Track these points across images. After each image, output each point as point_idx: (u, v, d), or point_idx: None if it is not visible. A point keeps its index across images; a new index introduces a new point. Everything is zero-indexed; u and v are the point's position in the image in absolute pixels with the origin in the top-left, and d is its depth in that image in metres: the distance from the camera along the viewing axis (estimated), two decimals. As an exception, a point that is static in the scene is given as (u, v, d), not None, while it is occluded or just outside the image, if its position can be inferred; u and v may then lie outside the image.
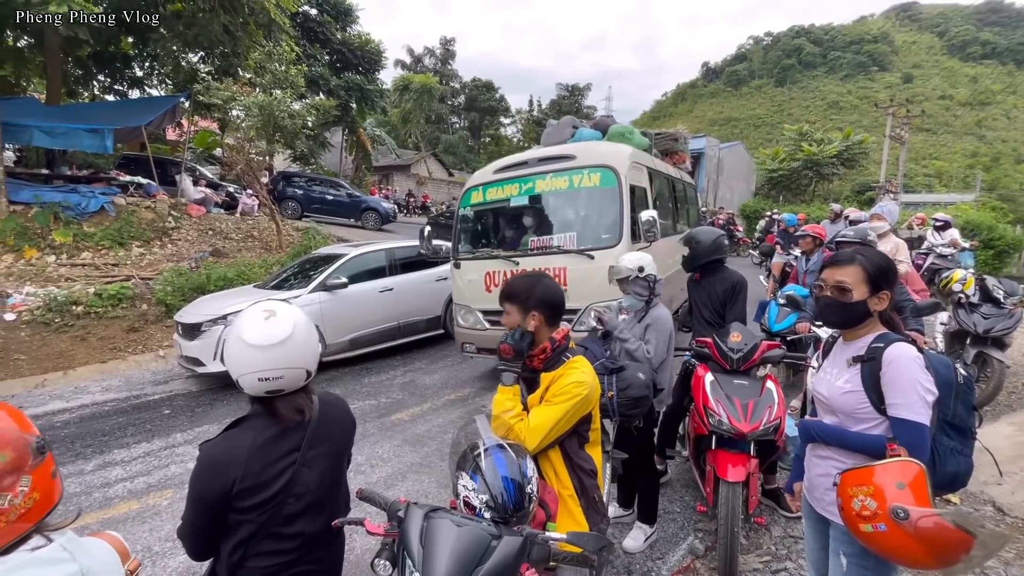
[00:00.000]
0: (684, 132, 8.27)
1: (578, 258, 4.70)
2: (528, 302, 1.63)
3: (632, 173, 4.95)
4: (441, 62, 32.18)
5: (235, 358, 1.24)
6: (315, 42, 18.78)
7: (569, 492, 1.59)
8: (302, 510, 1.31)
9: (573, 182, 4.95)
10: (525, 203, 5.18)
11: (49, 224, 9.00)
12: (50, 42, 11.43)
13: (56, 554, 0.80)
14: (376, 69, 21.66)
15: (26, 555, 0.78)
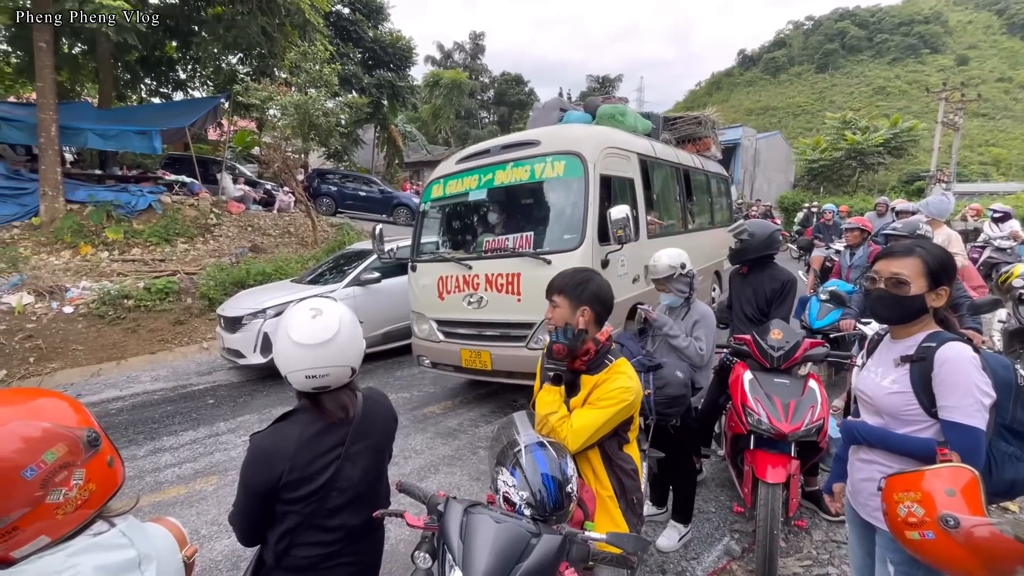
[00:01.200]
0: (710, 115, 7.37)
1: (534, 263, 3.94)
2: (581, 296, 1.60)
3: (608, 161, 4.28)
4: (471, 57, 32.21)
5: (284, 356, 1.28)
6: (348, 41, 19.10)
7: (608, 493, 1.57)
8: (345, 503, 1.35)
9: (535, 172, 4.22)
10: (483, 197, 4.57)
11: (102, 222, 9.49)
12: (102, 48, 12.01)
13: (115, 539, 0.84)
14: (407, 66, 21.87)
15: (88, 540, 0.81)
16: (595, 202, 3.98)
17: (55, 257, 8.71)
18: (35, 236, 8.97)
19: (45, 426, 0.78)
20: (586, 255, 3.86)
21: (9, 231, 9.01)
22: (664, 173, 5.74)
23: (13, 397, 0.82)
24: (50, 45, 9.16)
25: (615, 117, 5.22)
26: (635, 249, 4.45)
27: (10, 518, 0.73)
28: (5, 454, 0.73)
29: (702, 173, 7.06)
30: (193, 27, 13.05)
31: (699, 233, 6.70)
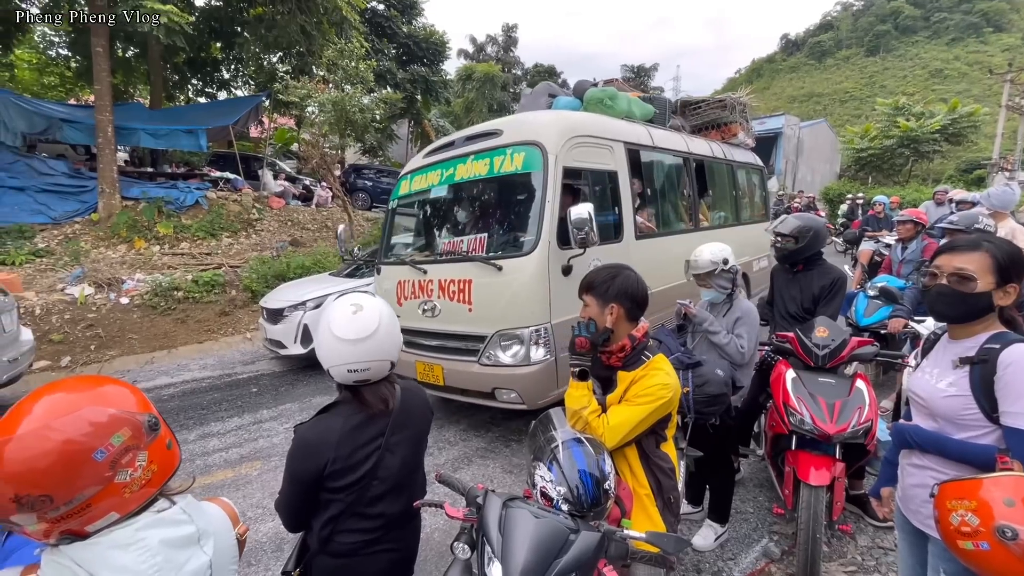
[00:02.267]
0: (739, 98, 6.50)
1: (485, 269, 3.60)
2: (608, 293, 1.59)
3: (578, 152, 3.80)
4: (503, 49, 32.04)
5: (326, 350, 1.32)
6: (382, 37, 19.34)
7: (646, 491, 1.56)
8: (385, 492, 1.39)
9: (494, 166, 3.84)
10: (444, 194, 4.27)
11: (154, 217, 9.99)
12: (152, 51, 12.59)
13: (177, 516, 0.90)
14: (440, 60, 21.98)
15: (153, 516, 0.88)
16: (555, 199, 3.51)
17: (112, 251, 9.23)
18: (94, 231, 9.52)
19: (111, 412, 0.83)
20: (541, 260, 3.44)
21: (72, 226, 9.60)
22: (668, 164, 5.17)
23: (81, 384, 0.87)
24: (106, 50, 9.65)
25: (603, 102, 4.61)
26: (619, 251, 4.01)
27: (84, 496, 0.79)
28: (78, 438, 0.79)
29: (725, 163, 6.31)
30: (236, 28, 13.50)
31: (719, 231, 5.93)
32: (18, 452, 0.74)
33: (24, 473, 0.74)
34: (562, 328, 3.57)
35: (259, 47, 13.29)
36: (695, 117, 6.40)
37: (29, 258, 8.43)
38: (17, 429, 0.76)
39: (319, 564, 1.38)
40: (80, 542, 0.81)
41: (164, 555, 0.85)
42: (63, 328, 7.08)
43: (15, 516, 0.75)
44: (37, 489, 0.75)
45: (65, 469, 0.77)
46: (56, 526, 0.78)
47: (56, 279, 8.05)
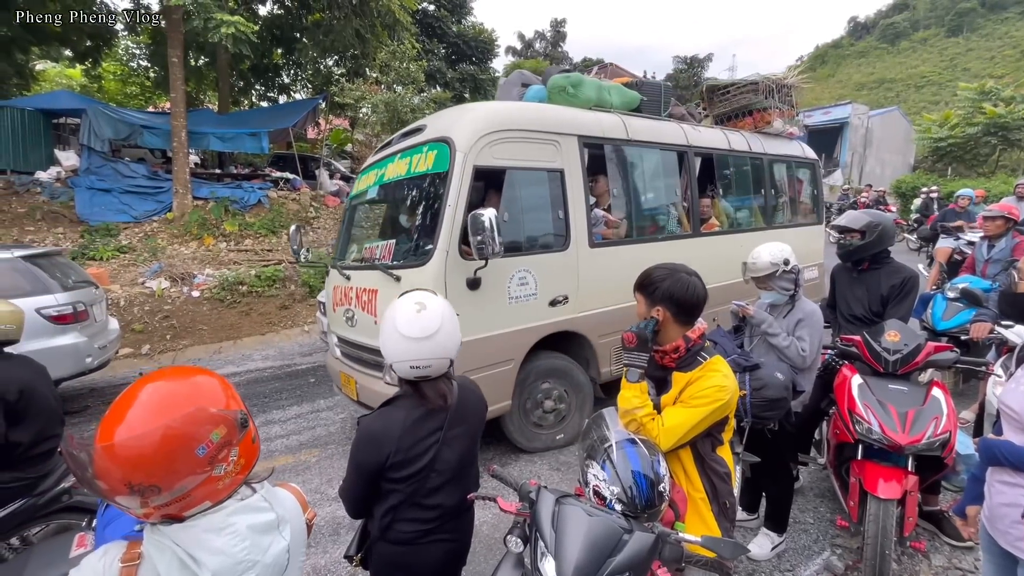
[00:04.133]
0: (778, 78, 5.60)
1: (386, 278, 3.32)
2: (655, 295, 1.56)
3: (499, 149, 3.37)
4: (551, 45, 31.86)
5: (390, 346, 1.38)
6: (432, 37, 19.70)
7: (701, 495, 1.52)
8: (442, 484, 1.43)
9: (412, 165, 3.59)
10: (375, 195, 4.06)
11: (221, 216, 10.64)
12: (221, 60, 13.38)
13: (260, 503, 0.97)
14: (489, 58, 22.17)
15: (239, 503, 0.95)
16: (458, 203, 3.16)
17: (185, 247, 9.91)
18: (169, 229, 10.26)
19: (213, 411, 0.91)
20: (437, 272, 3.09)
21: (150, 224, 10.38)
22: (655, 160, 4.52)
23: (183, 379, 0.94)
24: (180, 60, 10.36)
25: (566, 90, 4.08)
26: (562, 262, 3.65)
27: (185, 487, 0.87)
28: (184, 434, 0.86)
29: (752, 157, 5.42)
30: (295, 34, 14.15)
31: (738, 236, 5.08)
32: (136, 446, 0.82)
33: (139, 465, 0.82)
34: (465, 348, 3.11)
35: (316, 52, 13.87)
36: (723, 104, 5.67)
37: (114, 254, 9.19)
38: (134, 424, 0.83)
39: (379, 551, 1.44)
40: (178, 524, 0.88)
41: (252, 540, 0.92)
42: (143, 319, 7.69)
43: (124, 499, 0.83)
44: (149, 479, 0.82)
45: (173, 463, 0.84)
46: (159, 511, 0.86)
47: (137, 273, 8.75)
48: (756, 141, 5.47)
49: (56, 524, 2.35)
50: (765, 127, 5.56)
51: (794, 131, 5.95)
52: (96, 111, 10.71)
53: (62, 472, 2.32)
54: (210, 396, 0.92)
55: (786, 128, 5.79)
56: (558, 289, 3.64)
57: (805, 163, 6.30)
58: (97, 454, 0.80)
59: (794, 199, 6.14)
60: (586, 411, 3.90)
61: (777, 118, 5.56)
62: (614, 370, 4.12)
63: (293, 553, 1.00)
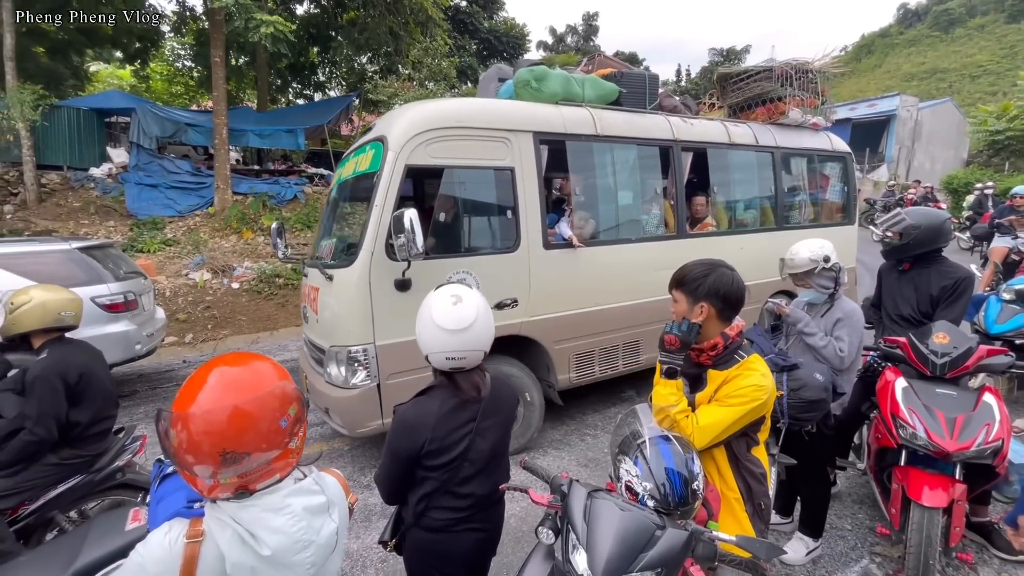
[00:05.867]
0: (800, 63, 5.10)
1: (322, 277, 3.36)
2: (698, 291, 1.52)
3: (436, 148, 3.29)
4: (583, 39, 31.54)
5: (426, 337, 1.41)
6: (464, 33, 19.79)
7: (735, 495, 1.50)
8: (474, 474, 1.46)
9: (356, 166, 3.60)
10: (334, 195, 4.12)
11: (260, 210, 11.00)
12: (260, 59, 13.80)
13: (312, 486, 1.02)
14: (520, 53, 22.13)
15: (293, 485, 1.00)
16: (384, 203, 3.12)
17: (225, 240, 10.28)
18: (211, 223, 10.66)
19: (290, 388, 0.96)
20: (362, 273, 3.08)
21: (193, 219, 10.81)
22: (631, 156, 4.25)
23: (262, 361, 1.00)
24: (223, 60, 10.73)
25: (529, 85, 3.89)
26: (510, 264, 3.54)
27: (269, 456, 0.93)
28: (272, 406, 0.93)
29: (759, 151, 5.00)
30: (331, 32, 14.44)
31: (735, 237, 4.76)
32: (236, 413, 0.88)
33: (236, 431, 0.88)
34: (393, 350, 3.18)
35: (351, 49, 14.14)
36: (735, 93, 5.31)
37: (160, 247, 9.63)
38: (232, 394, 0.89)
39: (413, 537, 1.48)
40: (236, 503, 0.93)
41: (307, 521, 0.96)
42: (186, 309, 8.03)
43: (203, 469, 0.88)
44: (241, 446, 0.88)
45: (262, 431, 0.91)
46: (242, 480, 0.91)
47: (181, 265, 9.14)
48: (766, 133, 5.08)
49: (111, 500, 2.50)
50: (780, 118, 5.13)
51: (819, 122, 5.40)
52: (144, 110, 11.21)
53: (116, 451, 2.46)
54: (283, 376, 0.99)
55: (807, 118, 5.27)
56: (505, 292, 3.52)
57: (833, 157, 5.74)
58: (195, 422, 0.86)
59: (817, 196, 5.62)
60: (534, 423, 3.75)
61: (794, 108, 5.09)
62: (573, 377, 3.99)
63: (340, 535, 1.04)
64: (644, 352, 4.33)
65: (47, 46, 13.16)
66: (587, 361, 4.05)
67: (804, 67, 5.11)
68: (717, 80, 5.62)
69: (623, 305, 4.10)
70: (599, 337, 4.05)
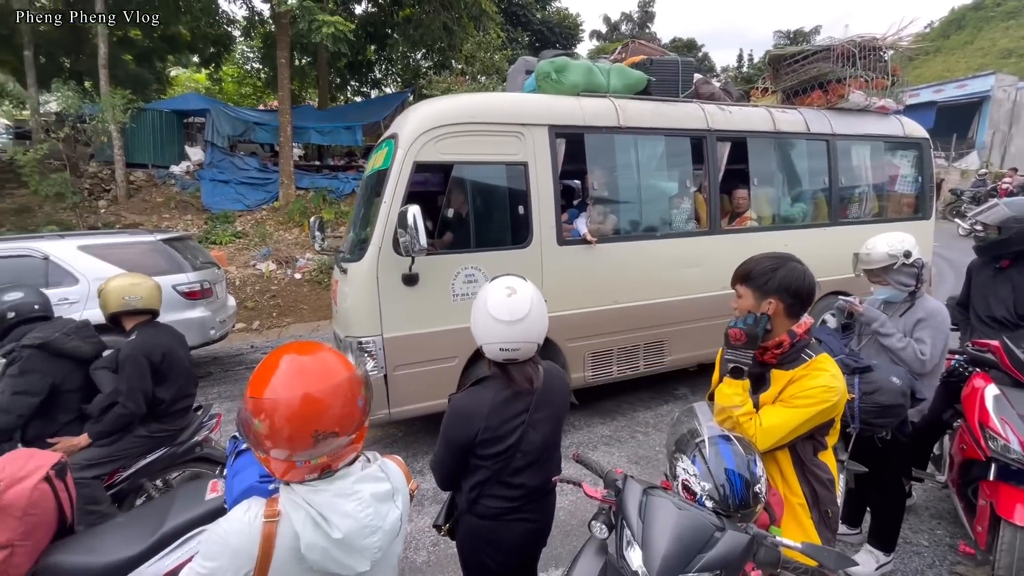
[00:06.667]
0: (865, 40, 4.59)
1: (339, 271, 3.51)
2: (767, 286, 1.44)
3: (446, 145, 3.31)
4: (638, 27, 30.63)
5: (481, 328, 1.42)
6: (516, 25, 19.71)
7: (799, 500, 1.43)
8: (526, 465, 1.47)
9: (374, 162, 3.72)
10: (360, 190, 4.23)
11: (320, 204, 11.50)
12: (321, 58, 14.38)
13: (378, 473, 1.06)
14: (573, 44, 21.82)
15: (361, 471, 1.04)
16: (393, 200, 3.20)
17: (288, 233, 10.84)
18: (275, 216, 11.26)
19: (360, 373, 1.02)
20: (371, 267, 3.19)
21: (260, 212, 11.46)
22: (658, 148, 4.08)
23: (333, 351, 1.05)
24: (288, 61, 11.26)
25: (550, 77, 3.81)
26: (520, 259, 3.51)
27: (351, 437, 0.99)
28: (353, 389, 0.98)
29: (806, 139, 4.65)
30: (387, 30, 14.82)
31: (770, 235, 4.48)
32: (329, 395, 0.94)
33: (328, 411, 0.93)
34: (400, 343, 3.28)
35: (406, 46, 14.45)
36: (790, 76, 4.94)
37: (231, 239, 10.28)
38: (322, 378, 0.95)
39: (465, 523, 1.51)
40: (309, 487, 0.98)
41: (374, 507, 1.00)
42: (254, 297, 8.55)
43: (277, 450, 0.93)
44: (331, 426, 0.94)
45: (349, 412, 0.97)
46: (329, 459, 0.97)
47: (249, 256, 9.72)
48: (821, 120, 4.70)
49: (190, 471, 2.71)
50: (839, 102, 4.70)
51: (888, 104, 4.90)
52: (218, 111, 11.97)
53: (196, 427, 2.67)
54: (352, 363, 1.04)
55: (872, 101, 4.77)
56: None
57: (906, 144, 5.18)
58: (289, 405, 0.91)
59: (883, 188, 5.13)
60: None
61: (855, 90, 4.63)
62: (588, 377, 3.91)
63: (403, 521, 1.08)
64: (670, 353, 4.23)
65: (134, 54, 14.29)
66: (604, 360, 4.00)
67: (871, 44, 4.63)
68: (769, 63, 5.27)
69: (645, 304, 3.99)
70: (617, 336, 3.96)
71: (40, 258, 4.75)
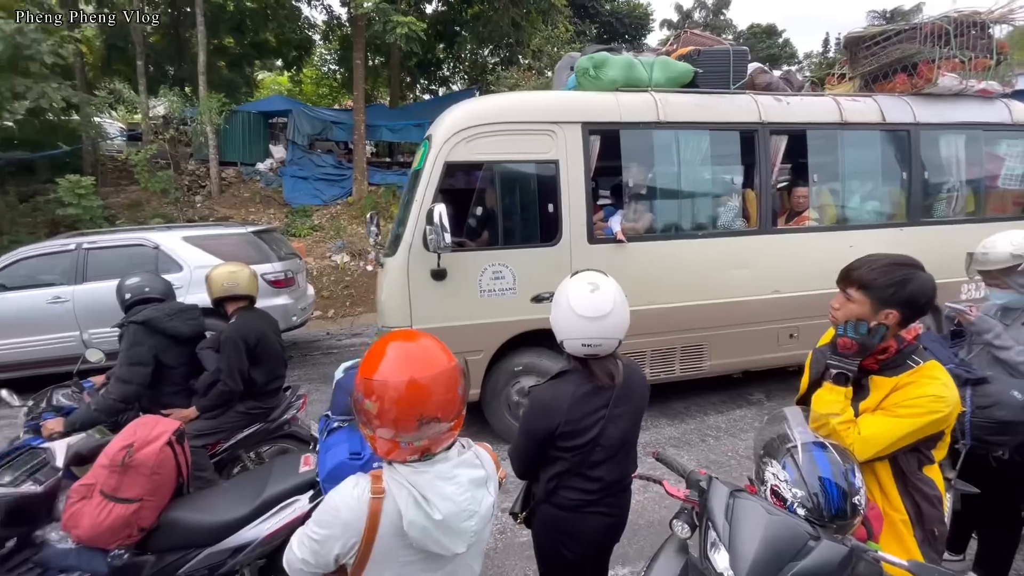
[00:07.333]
0: (963, 15, 4.12)
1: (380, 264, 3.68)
2: (892, 297, 1.30)
3: (478, 145, 3.40)
4: (712, 14, 29.15)
5: (563, 323, 1.44)
6: (584, 18, 19.41)
7: (901, 517, 1.33)
8: (605, 459, 1.48)
9: (415, 161, 3.93)
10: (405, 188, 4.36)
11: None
12: (393, 58, 14.88)
13: (473, 459, 1.11)
14: (642, 34, 21.19)
15: (459, 457, 1.09)
16: (424, 198, 3.33)
17: (361, 227, 11.35)
18: (349, 211, 11.84)
19: (459, 361, 1.08)
20: (402, 262, 3.37)
21: (335, 207, 12.10)
22: (697, 144, 3.89)
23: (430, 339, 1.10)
24: (363, 61, 11.79)
25: (588, 72, 3.75)
26: (556, 257, 3.51)
27: (452, 423, 1.04)
28: (456, 376, 1.04)
29: (881, 130, 4.22)
30: (456, 28, 15.10)
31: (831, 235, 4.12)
32: (431, 383, 0.99)
33: (435, 397, 0.99)
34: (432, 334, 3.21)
35: (474, 43, 14.65)
36: (870, 60, 4.47)
37: (309, 232, 10.94)
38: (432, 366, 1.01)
39: (542, 512, 1.54)
40: (411, 468, 1.03)
41: (471, 492, 1.05)
42: (329, 287, 9.05)
43: (386, 429, 0.99)
44: (435, 411, 1.00)
45: (451, 399, 1.02)
46: (430, 442, 1.02)
47: (325, 249, 10.30)
48: (901, 107, 4.23)
49: (278, 447, 2.93)
50: (926, 86, 4.21)
51: (991, 87, 4.32)
52: (299, 111, 12.74)
53: (285, 406, 2.88)
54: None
55: (969, 84, 4.23)
56: (543, 286, 3.48)
57: (1013, 132, 4.55)
58: (396, 388, 0.97)
59: (980, 183, 4.54)
60: None
61: (946, 73, 4.12)
62: None
63: (494, 508, 1.12)
64: (710, 358, 4.04)
65: (227, 60, 15.50)
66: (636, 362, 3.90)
67: (970, 20, 4.12)
68: (846, 46, 4.79)
69: (682, 306, 3.83)
70: (651, 338, 3.82)
71: (151, 247, 5.30)
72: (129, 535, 1.71)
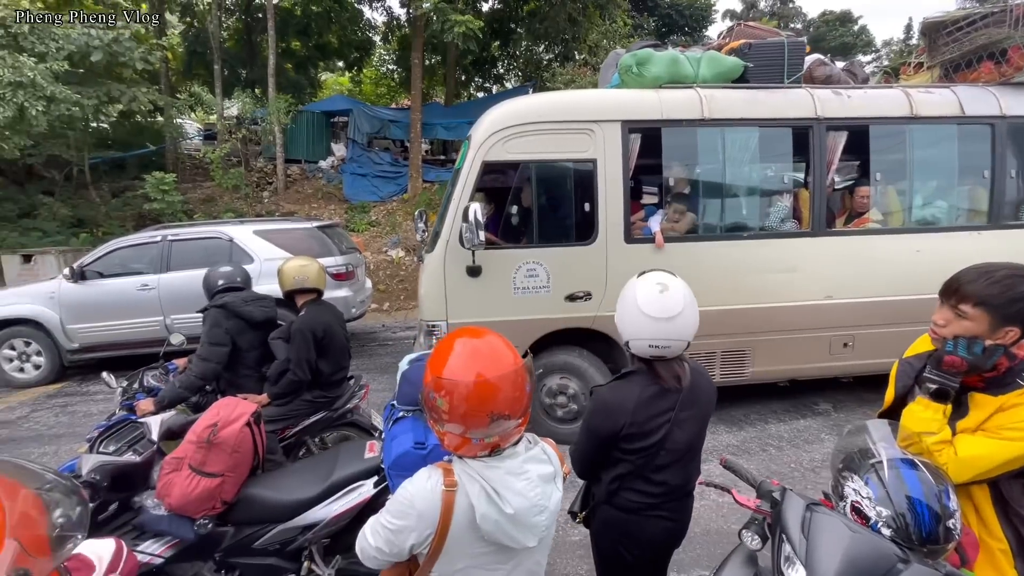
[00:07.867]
0: None
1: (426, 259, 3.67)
2: (1017, 314, 1.18)
3: (516, 144, 3.43)
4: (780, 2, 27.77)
5: (629, 323, 1.42)
6: (643, 11, 18.96)
7: (1001, 546, 1.22)
8: (669, 463, 1.45)
9: (457, 160, 3.97)
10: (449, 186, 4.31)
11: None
12: (449, 57, 15.14)
13: (541, 455, 1.12)
14: (703, 27, 20.43)
15: (528, 452, 1.10)
16: (461, 196, 3.41)
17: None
18: (404, 207, 12.17)
19: (526, 360, 1.09)
20: (439, 258, 3.46)
21: (391, 204, 12.48)
22: (745, 141, 3.72)
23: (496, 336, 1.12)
24: (420, 61, 12.05)
25: (631, 70, 3.69)
26: (591, 256, 3.51)
27: (520, 420, 1.05)
28: (524, 376, 1.05)
29: (958, 125, 3.86)
30: (511, 25, 15.14)
31: (894, 238, 3.84)
32: (500, 381, 1.01)
33: (506, 394, 1.01)
34: None
35: (529, 40, 14.64)
36: (951, 47, 4.18)
37: (367, 227, 11.34)
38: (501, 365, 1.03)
39: (603, 513, 1.53)
40: (482, 462, 1.06)
41: (541, 488, 1.06)
42: (385, 281, 9.35)
43: (455, 425, 1.02)
44: (505, 408, 1.01)
45: (520, 395, 1.04)
46: (500, 439, 1.05)
47: (382, 244, 10.65)
48: (985, 99, 3.86)
49: (341, 434, 3.08)
50: (1016, 75, 3.86)
51: None
52: (359, 111, 13.22)
53: (348, 395, 3.01)
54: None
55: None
56: (578, 285, 3.54)
57: None
58: (466, 386, 0.99)
59: None
60: None
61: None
62: None
63: (560, 503, 1.13)
64: (753, 364, 3.86)
65: (294, 62, 16.29)
66: None
67: None
68: (924, 32, 4.43)
69: (723, 309, 3.63)
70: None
71: (226, 240, 5.68)
72: (213, 506, 1.85)
